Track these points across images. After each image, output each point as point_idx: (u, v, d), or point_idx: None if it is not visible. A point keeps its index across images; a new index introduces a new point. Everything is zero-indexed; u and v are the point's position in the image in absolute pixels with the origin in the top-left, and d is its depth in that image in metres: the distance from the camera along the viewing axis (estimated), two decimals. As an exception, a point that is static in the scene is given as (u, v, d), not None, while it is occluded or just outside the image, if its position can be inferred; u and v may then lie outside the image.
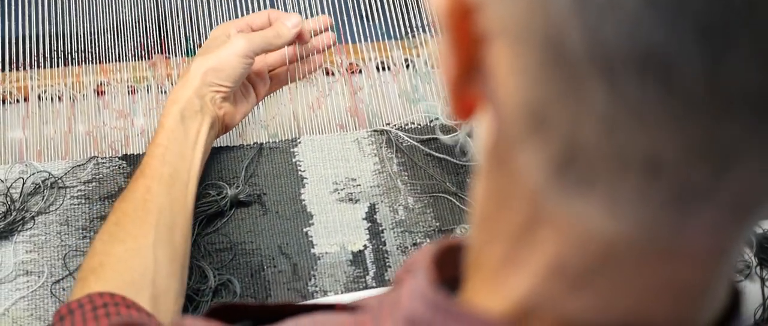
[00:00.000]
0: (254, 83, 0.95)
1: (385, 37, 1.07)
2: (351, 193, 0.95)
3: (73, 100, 0.99)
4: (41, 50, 1.00)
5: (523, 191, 0.34)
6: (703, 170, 0.30)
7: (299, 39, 0.96)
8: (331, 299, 0.86)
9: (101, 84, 1.00)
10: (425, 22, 1.07)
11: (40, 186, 0.91)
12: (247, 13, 1.04)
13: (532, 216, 0.34)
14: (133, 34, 1.03)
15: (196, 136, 0.86)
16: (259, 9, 1.05)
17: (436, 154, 0.98)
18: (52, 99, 0.99)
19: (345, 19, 1.06)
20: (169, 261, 0.79)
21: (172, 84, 1.01)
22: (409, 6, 1.07)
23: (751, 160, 0.30)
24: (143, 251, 0.78)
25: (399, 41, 1.07)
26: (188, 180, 0.85)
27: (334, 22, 1.02)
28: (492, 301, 0.36)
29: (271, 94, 1.00)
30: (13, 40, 1.00)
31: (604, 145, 0.30)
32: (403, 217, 0.94)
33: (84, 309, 0.70)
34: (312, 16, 1.04)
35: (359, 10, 1.06)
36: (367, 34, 1.06)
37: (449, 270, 0.40)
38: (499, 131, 0.34)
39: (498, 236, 0.36)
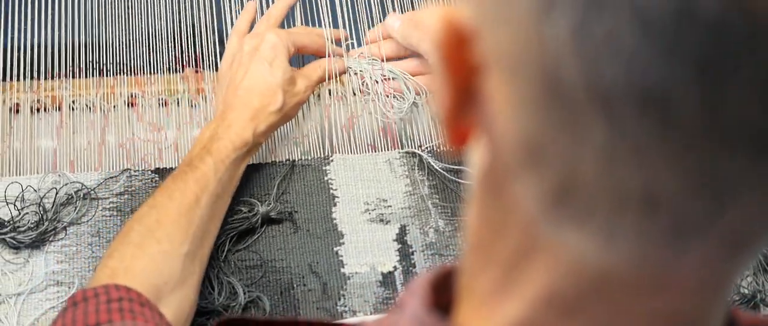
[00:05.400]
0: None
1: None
2: (382, 214, 0.95)
3: (106, 111, 0.99)
4: (76, 60, 1.00)
5: (518, 221, 0.34)
6: (700, 206, 0.30)
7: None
8: (354, 320, 0.86)
9: (134, 95, 1.00)
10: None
11: (72, 197, 0.91)
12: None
13: (526, 245, 0.34)
14: (167, 47, 1.03)
15: (243, 164, 0.90)
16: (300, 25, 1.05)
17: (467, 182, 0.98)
18: (84, 109, 0.99)
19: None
20: (194, 276, 0.80)
21: (203, 98, 1.01)
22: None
23: (749, 195, 0.30)
24: (176, 258, 0.78)
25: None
26: (227, 202, 0.87)
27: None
28: None
29: (304, 112, 1.01)
30: (49, 49, 1.00)
31: (603, 179, 0.30)
32: (433, 240, 0.94)
33: (99, 299, 0.71)
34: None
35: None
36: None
37: (448, 295, 0.40)
38: (493, 160, 0.34)
39: (491, 263, 0.36)
